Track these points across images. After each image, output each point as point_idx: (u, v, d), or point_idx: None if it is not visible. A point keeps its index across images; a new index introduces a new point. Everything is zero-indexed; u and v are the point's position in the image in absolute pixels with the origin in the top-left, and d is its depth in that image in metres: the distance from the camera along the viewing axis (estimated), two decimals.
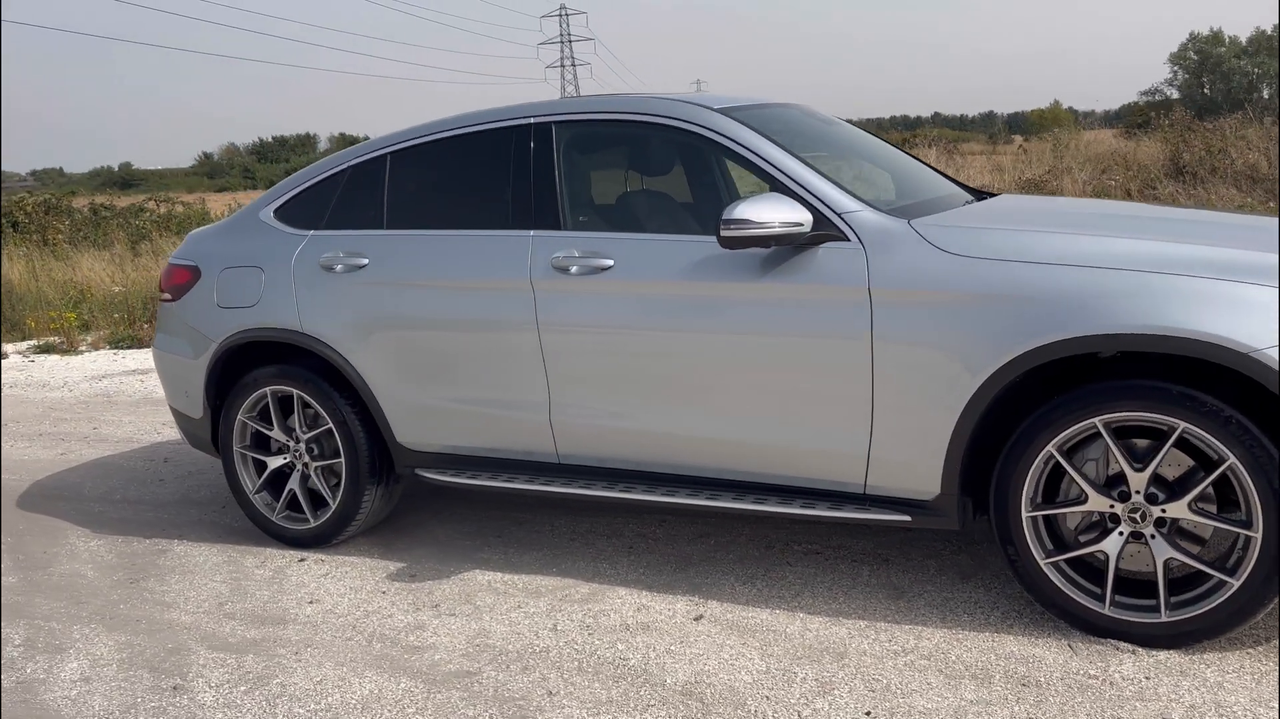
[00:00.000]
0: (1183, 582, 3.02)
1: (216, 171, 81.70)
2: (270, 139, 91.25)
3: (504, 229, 3.83)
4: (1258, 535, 2.81)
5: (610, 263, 3.58)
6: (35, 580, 4.24)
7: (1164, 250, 2.99)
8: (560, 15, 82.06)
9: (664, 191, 4.19)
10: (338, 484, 4.27)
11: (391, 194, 4.13)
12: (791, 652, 3.14)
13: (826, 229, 3.28)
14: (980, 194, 4.16)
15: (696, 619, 3.40)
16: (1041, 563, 3.09)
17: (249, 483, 4.44)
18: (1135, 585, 3.07)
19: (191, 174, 79.37)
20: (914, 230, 3.22)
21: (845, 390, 3.25)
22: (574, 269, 3.64)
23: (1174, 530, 2.98)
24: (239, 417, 4.37)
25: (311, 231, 4.25)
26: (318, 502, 4.34)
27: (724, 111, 3.63)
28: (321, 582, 3.98)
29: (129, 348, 10.43)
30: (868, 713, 2.79)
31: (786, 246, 3.31)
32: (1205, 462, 2.93)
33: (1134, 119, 37.00)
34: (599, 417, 3.69)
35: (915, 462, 3.21)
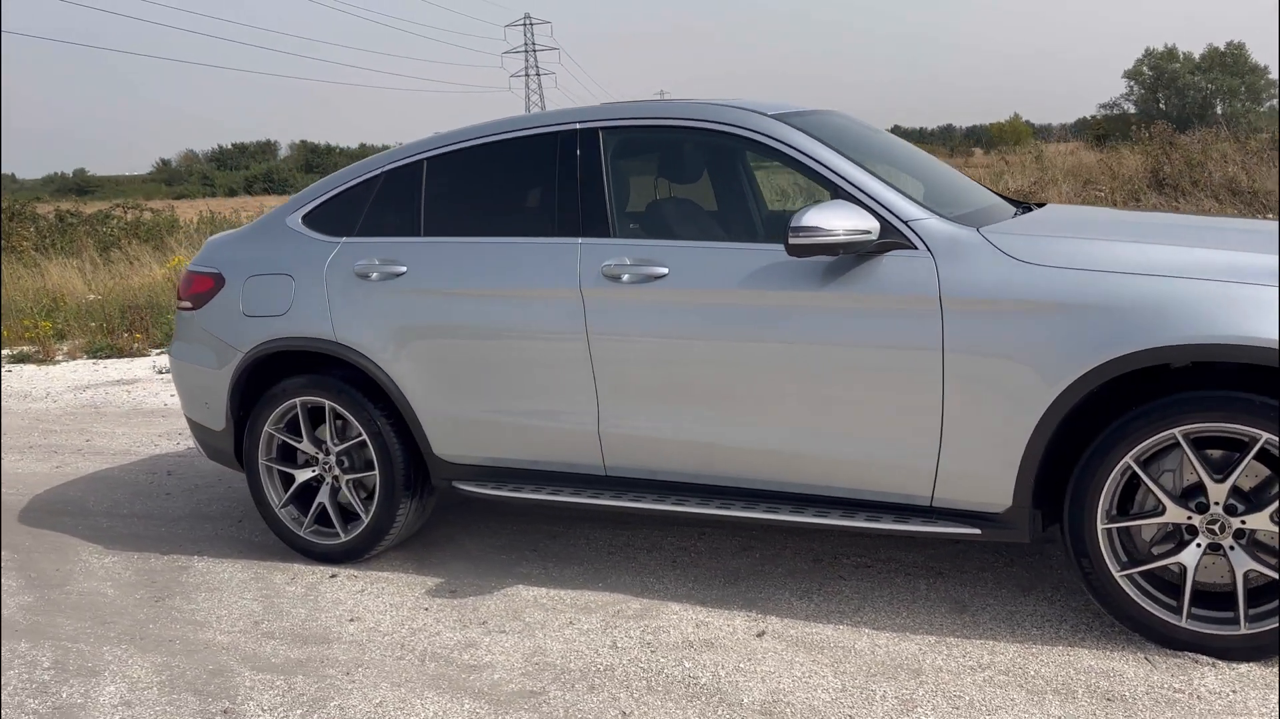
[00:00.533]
0: (1256, 593, 3.00)
1: (175, 178, 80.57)
2: (230, 146, 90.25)
3: (550, 236, 3.75)
4: None
5: (664, 271, 3.51)
6: (53, 599, 4.08)
7: (1237, 260, 2.98)
8: (524, 25, 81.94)
9: (715, 199, 4.13)
10: (368, 498, 4.15)
11: (429, 200, 4.03)
12: (865, 669, 3.08)
13: (893, 237, 3.24)
14: (1018, 203, 4.13)
15: (759, 635, 3.33)
16: (1117, 575, 3.05)
17: (274, 496, 4.30)
18: (1207, 598, 3.05)
19: (149, 181, 78.22)
20: (984, 238, 3.18)
21: (914, 401, 3.20)
22: (625, 277, 3.56)
23: (1251, 542, 2.96)
24: (265, 428, 4.24)
25: (343, 239, 4.14)
26: (346, 516, 4.22)
27: (778, 118, 3.58)
28: (359, 598, 3.86)
29: (108, 357, 10.18)
30: None
31: (850, 255, 3.26)
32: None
33: (1094, 131, 37.59)
34: (651, 428, 3.61)
35: (986, 474, 3.16)
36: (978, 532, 3.22)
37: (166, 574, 4.27)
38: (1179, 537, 3.03)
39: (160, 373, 9.06)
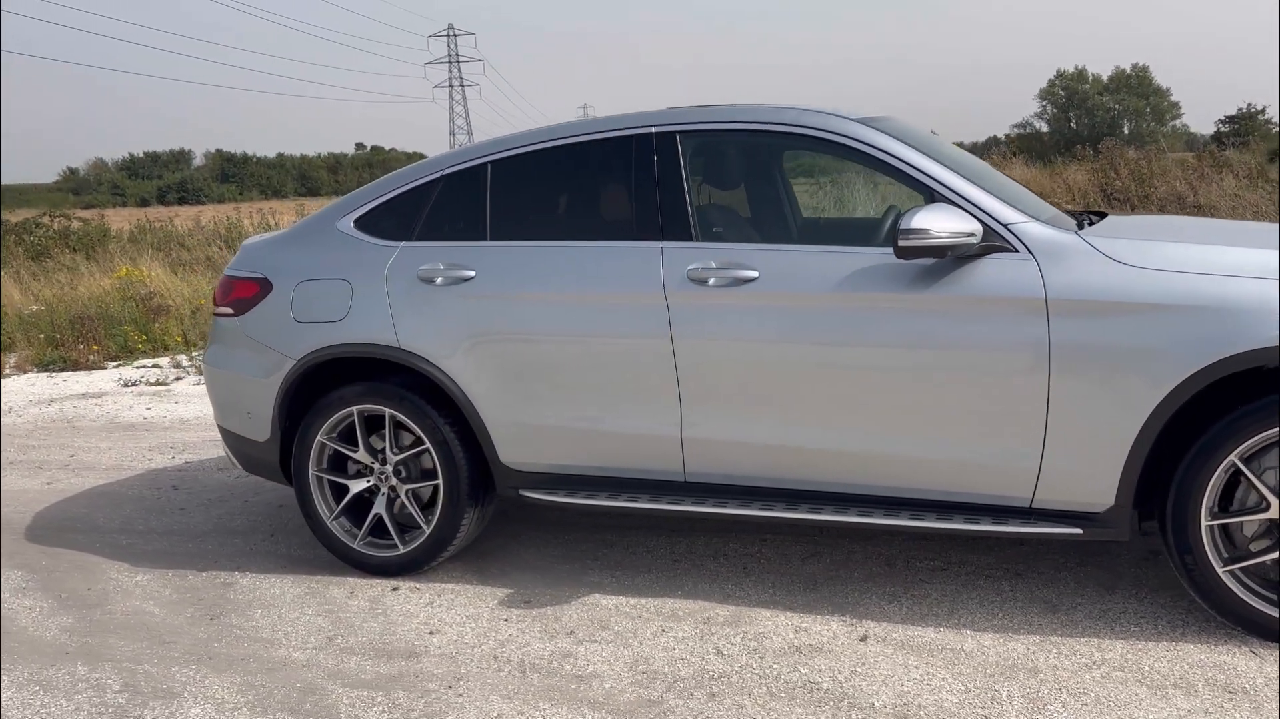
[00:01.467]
0: None
1: (82, 187, 77.96)
2: (141, 154, 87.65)
3: (628, 240, 3.71)
4: None
5: (755, 274, 3.49)
6: (97, 620, 3.88)
7: None
8: (448, 36, 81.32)
9: (798, 202, 4.13)
10: (424, 507, 4.05)
11: (495, 204, 3.95)
12: (981, 669, 3.09)
13: (993, 240, 3.28)
14: (1070, 213, 4.20)
15: (862, 640, 3.33)
16: (1220, 571, 3.12)
17: (325, 509, 4.16)
18: None
19: (55, 190, 75.39)
20: (1085, 242, 3.24)
21: (1018, 402, 3.24)
22: (712, 281, 3.54)
23: None
24: (318, 438, 4.10)
25: (402, 243, 4.03)
26: (401, 527, 4.10)
27: (863, 122, 3.60)
28: (430, 611, 3.76)
29: (61, 370, 9.80)
30: None
31: (948, 259, 3.29)
32: None
33: (1010, 149, 38.77)
34: (738, 432, 3.58)
35: (1090, 474, 3.21)
36: (1079, 531, 3.26)
37: (210, 591, 4.10)
38: (1276, 533, 3.11)
39: (126, 385, 8.74)
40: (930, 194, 3.40)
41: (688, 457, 3.68)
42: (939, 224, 3.18)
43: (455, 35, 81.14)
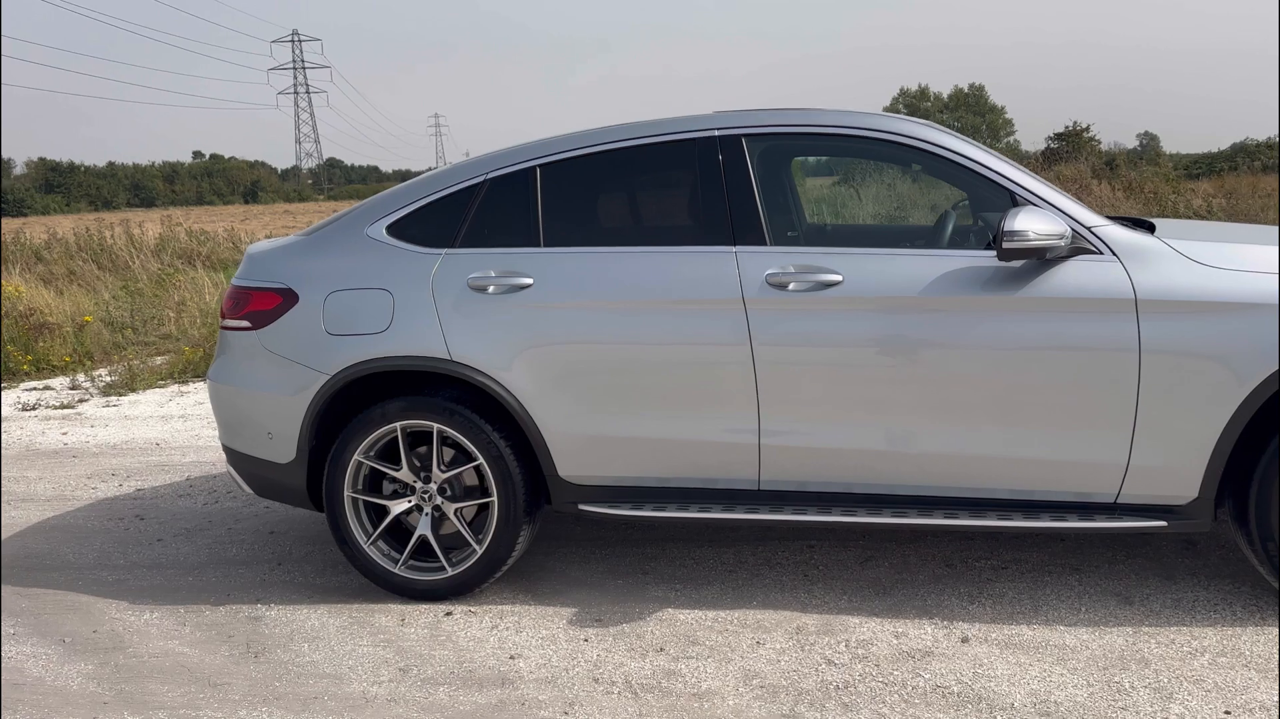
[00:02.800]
0: None
1: None
2: None
3: (698, 245, 3.63)
4: None
5: (838, 278, 3.47)
6: (123, 665, 3.53)
7: None
8: (292, 41, 78.60)
9: (867, 206, 4.12)
10: (471, 525, 3.87)
11: (547, 210, 3.81)
12: (1094, 664, 3.14)
13: (1079, 242, 3.35)
14: (1119, 219, 4.30)
15: (964, 641, 3.33)
16: None
17: (361, 533, 3.91)
18: None
19: None
20: (1165, 244, 3.35)
21: (1108, 401, 3.32)
22: (793, 286, 3.50)
23: None
24: (354, 457, 3.85)
25: (444, 250, 3.84)
26: (444, 548, 3.89)
27: (930, 127, 3.63)
28: (500, 634, 3.57)
29: None
30: (1227, 712, 2.84)
31: (1035, 261, 3.35)
32: None
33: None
34: (820, 438, 3.55)
35: (1176, 468, 3.31)
36: (1164, 524, 3.36)
37: (238, 626, 3.79)
38: None
39: (26, 410, 8.07)
40: (1013, 198, 3.45)
41: (764, 464, 3.62)
42: (1036, 226, 3.24)
43: (300, 40, 78.53)
